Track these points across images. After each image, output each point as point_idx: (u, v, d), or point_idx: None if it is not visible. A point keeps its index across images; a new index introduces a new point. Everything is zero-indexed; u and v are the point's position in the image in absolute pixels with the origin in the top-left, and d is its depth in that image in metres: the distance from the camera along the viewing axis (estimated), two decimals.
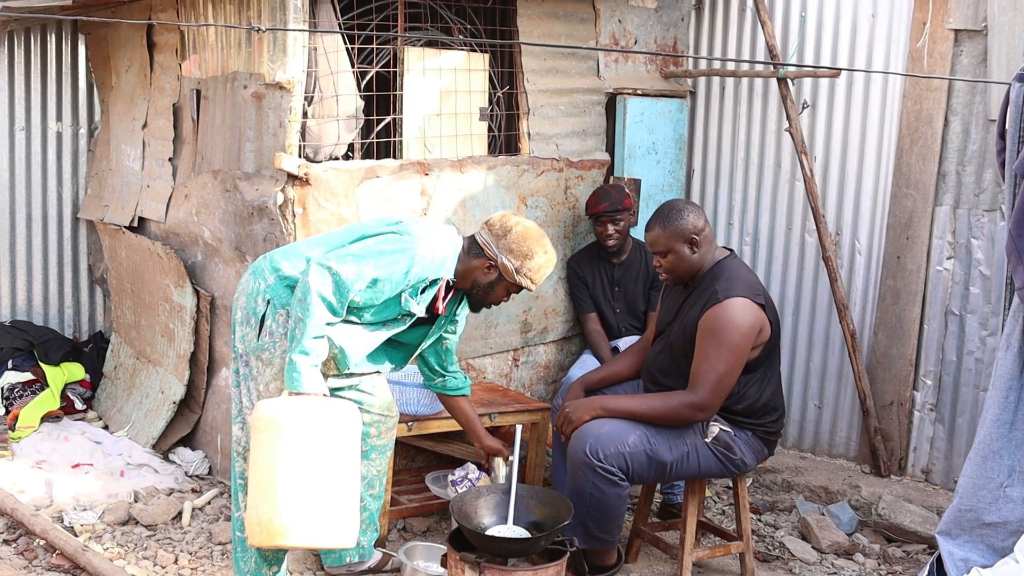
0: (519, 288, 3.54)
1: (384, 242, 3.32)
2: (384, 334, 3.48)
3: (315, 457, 3.11)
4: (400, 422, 4.08)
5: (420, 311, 3.44)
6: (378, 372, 3.67)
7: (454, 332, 3.72)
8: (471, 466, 4.19)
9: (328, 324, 3.23)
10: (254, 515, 3.13)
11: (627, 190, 4.99)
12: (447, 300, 3.54)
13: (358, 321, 3.39)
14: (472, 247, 3.51)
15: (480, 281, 3.51)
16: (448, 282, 3.50)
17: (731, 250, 3.91)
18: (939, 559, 3.65)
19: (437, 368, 3.83)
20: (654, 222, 3.83)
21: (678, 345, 3.82)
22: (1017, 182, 3.46)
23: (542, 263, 3.49)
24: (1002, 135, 3.57)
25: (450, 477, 4.20)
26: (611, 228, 4.86)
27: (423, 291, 3.41)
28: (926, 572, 3.68)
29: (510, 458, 3.67)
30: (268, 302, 3.36)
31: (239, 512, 3.53)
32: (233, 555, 3.64)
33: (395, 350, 3.67)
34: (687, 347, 3.77)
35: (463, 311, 3.70)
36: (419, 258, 3.32)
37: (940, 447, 4.93)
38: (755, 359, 3.76)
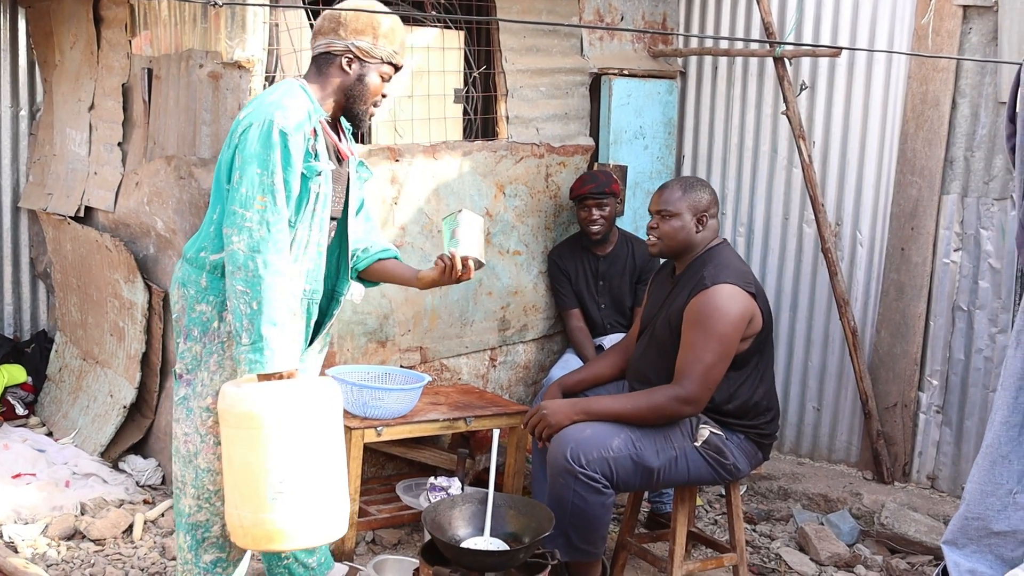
0: (393, 67, 3.37)
1: (247, 147, 3.09)
2: (322, 219, 3.31)
3: (304, 450, 3.00)
4: (368, 427, 4.10)
5: (328, 164, 3.28)
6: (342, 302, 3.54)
7: (369, 174, 3.59)
8: (456, 480, 4.20)
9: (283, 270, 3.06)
10: (236, 518, 3.03)
11: (613, 175, 5.01)
12: (342, 140, 3.43)
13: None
14: (320, 63, 3.33)
15: (348, 84, 3.32)
16: (326, 121, 3.34)
17: (724, 239, 3.97)
18: (945, 570, 3.69)
19: (361, 234, 3.64)
20: (675, 183, 3.93)
21: (664, 337, 3.84)
22: None
23: (392, 23, 3.34)
24: (1012, 119, 3.59)
25: (431, 481, 4.20)
26: (596, 212, 4.88)
27: (314, 148, 3.23)
28: None
29: (487, 466, 3.68)
30: (212, 304, 3.21)
31: (190, 553, 3.38)
32: None
33: (332, 251, 3.51)
34: (674, 338, 3.79)
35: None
36: (282, 125, 3.09)
37: (947, 452, 4.97)
38: (745, 352, 3.79)
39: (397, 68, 3.40)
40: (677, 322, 3.78)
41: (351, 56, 3.29)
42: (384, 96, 3.40)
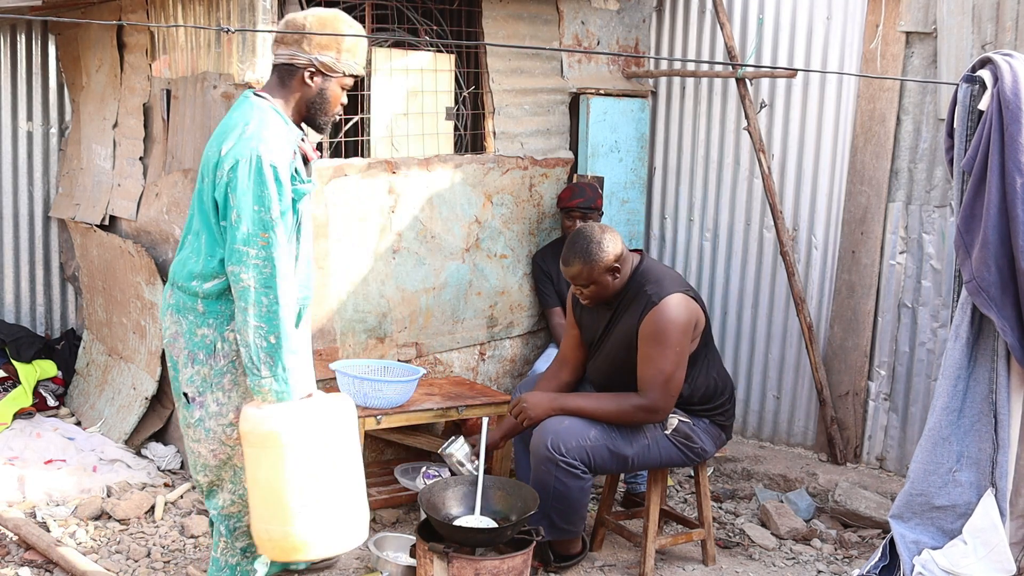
0: (352, 78, 3.12)
1: (239, 185, 2.88)
2: (307, 230, 3.17)
3: (323, 465, 2.91)
4: (368, 416, 4.09)
5: (312, 185, 3.13)
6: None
7: (314, 186, 3.27)
8: (447, 470, 4.19)
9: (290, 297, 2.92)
10: (264, 532, 2.93)
11: (599, 189, 5.02)
12: (304, 141, 3.17)
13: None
14: (282, 74, 3.07)
15: (310, 97, 3.08)
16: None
17: (640, 250, 3.90)
18: (892, 542, 3.70)
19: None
20: (573, 257, 3.69)
21: (619, 355, 3.79)
22: (964, 179, 3.51)
23: (355, 38, 3.08)
24: (950, 134, 3.62)
25: (423, 470, 4.20)
26: (579, 224, 4.88)
27: (297, 170, 3.07)
28: (879, 554, 3.73)
29: (476, 449, 3.68)
30: (212, 327, 3.02)
31: (228, 538, 3.24)
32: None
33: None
34: (631, 354, 3.74)
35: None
36: (271, 159, 2.90)
37: (894, 435, 4.99)
38: (696, 350, 3.79)
39: (356, 78, 3.18)
40: (632, 339, 3.72)
41: (314, 70, 3.06)
42: (343, 104, 3.20)
